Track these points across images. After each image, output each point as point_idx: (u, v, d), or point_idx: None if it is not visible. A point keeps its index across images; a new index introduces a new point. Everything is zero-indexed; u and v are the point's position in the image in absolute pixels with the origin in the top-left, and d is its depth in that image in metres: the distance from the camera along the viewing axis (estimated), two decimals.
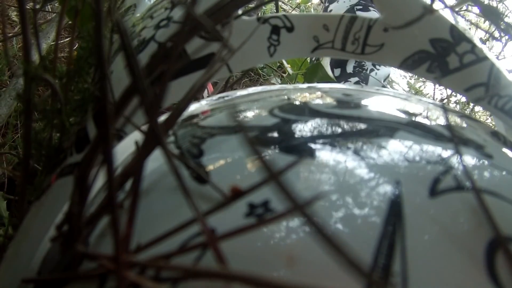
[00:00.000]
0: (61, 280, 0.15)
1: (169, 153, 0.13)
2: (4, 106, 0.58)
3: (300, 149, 0.18)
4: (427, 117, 0.22)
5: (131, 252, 0.13)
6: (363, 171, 0.17)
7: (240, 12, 0.29)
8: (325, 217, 0.15)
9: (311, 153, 0.18)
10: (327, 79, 0.78)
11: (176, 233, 0.13)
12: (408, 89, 1.67)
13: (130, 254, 0.12)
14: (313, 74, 0.78)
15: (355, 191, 0.16)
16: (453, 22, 0.29)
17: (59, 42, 0.31)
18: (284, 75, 1.07)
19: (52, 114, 0.25)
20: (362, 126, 0.20)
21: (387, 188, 0.16)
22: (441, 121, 0.22)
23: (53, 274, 0.14)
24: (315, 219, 0.09)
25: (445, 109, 0.26)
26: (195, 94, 0.14)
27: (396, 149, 0.19)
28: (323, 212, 0.16)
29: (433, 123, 0.22)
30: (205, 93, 0.72)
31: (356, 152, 0.18)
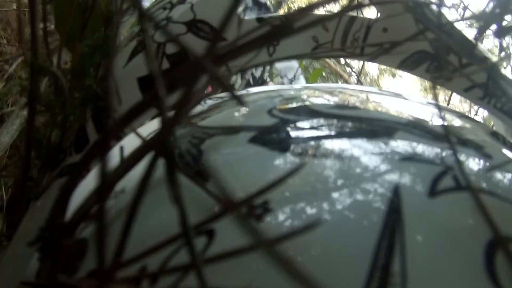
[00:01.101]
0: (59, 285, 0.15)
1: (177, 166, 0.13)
2: (6, 135, 0.59)
3: (299, 149, 0.18)
4: (426, 117, 0.22)
5: (111, 270, 0.13)
6: (362, 172, 0.17)
7: (239, 12, 0.29)
8: (324, 217, 0.15)
9: (310, 153, 0.18)
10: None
11: (161, 249, 0.13)
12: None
13: (110, 273, 0.12)
14: (315, 79, 0.79)
15: (353, 191, 0.16)
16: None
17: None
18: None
19: (57, 108, 0.25)
20: (361, 126, 0.20)
21: (386, 189, 0.16)
22: (441, 121, 0.22)
23: (51, 278, 0.14)
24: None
25: (443, 109, 0.26)
26: (195, 103, 0.14)
27: (395, 149, 0.19)
28: (321, 214, 0.16)
29: (432, 123, 0.22)
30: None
31: (355, 152, 0.18)
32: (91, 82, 0.26)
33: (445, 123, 0.22)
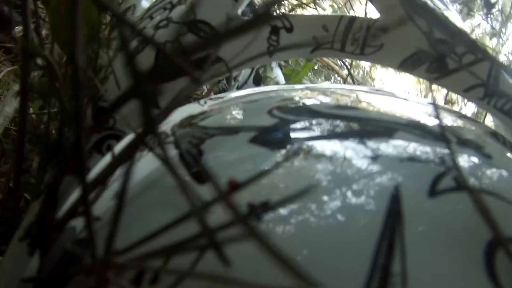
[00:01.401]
0: (60, 279, 0.15)
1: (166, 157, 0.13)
2: None
3: (299, 150, 0.18)
4: (426, 118, 0.22)
5: (115, 253, 0.13)
6: (361, 172, 0.17)
7: (239, 12, 0.29)
8: (323, 217, 0.15)
9: (310, 153, 0.18)
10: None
11: (167, 231, 0.13)
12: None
13: (114, 256, 0.12)
14: (306, 73, 0.79)
15: (353, 192, 0.16)
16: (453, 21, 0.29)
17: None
18: None
19: (50, 95, 0.25)
20: (361, 126, 0.20)
21: (386, 189, 0.16)
22: (440, 121, 0.22)
23: (51, 273, 0.14)
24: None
25: (443, 109, 0.26)
26: (181, 100, 0.14)
27: (395, 149, 0.19)
28: (321, 212, 0.16)
29: (433, 123, 0.22)
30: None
31: (355, 153, 0.18)
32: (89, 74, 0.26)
33: (445, 123, 0.22)
